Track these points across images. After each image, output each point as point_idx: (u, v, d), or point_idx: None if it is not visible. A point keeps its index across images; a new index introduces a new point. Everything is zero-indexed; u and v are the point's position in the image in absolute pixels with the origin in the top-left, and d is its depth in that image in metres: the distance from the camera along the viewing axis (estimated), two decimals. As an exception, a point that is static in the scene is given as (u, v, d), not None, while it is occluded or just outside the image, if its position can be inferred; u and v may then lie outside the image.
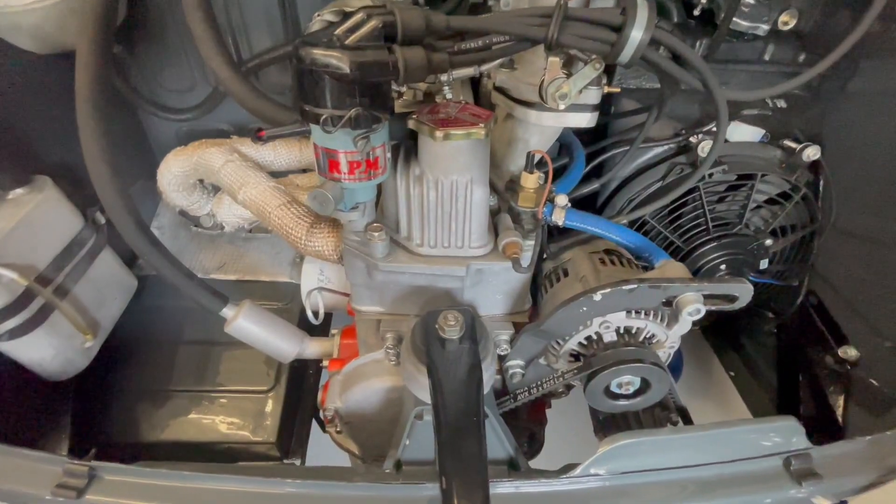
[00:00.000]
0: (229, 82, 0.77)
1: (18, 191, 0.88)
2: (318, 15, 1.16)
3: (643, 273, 0.81)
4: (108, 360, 1.11)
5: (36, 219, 0.88)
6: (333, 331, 1.09)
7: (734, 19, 1.03)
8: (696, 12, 1.10)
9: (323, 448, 1.21)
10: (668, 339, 0.76)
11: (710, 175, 1.01)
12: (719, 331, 1.53)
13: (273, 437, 1.13)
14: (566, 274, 0.85)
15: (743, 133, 1.06)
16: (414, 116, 0.65)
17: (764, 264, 1.13)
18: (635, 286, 0.66)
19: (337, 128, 0.57)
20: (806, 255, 1.16)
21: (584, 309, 0.69)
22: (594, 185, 1.01)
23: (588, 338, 0.76)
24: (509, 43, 0.63)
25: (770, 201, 1.09)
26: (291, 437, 1.20)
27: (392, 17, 0.55)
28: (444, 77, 0.64)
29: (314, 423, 1.31)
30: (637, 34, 0.61)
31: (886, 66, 1.00)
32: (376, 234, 0.71)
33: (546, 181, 0.77)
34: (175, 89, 1.32)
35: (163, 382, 1.18)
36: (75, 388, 1.03)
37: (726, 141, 1.07)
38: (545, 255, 0.91)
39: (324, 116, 0.56)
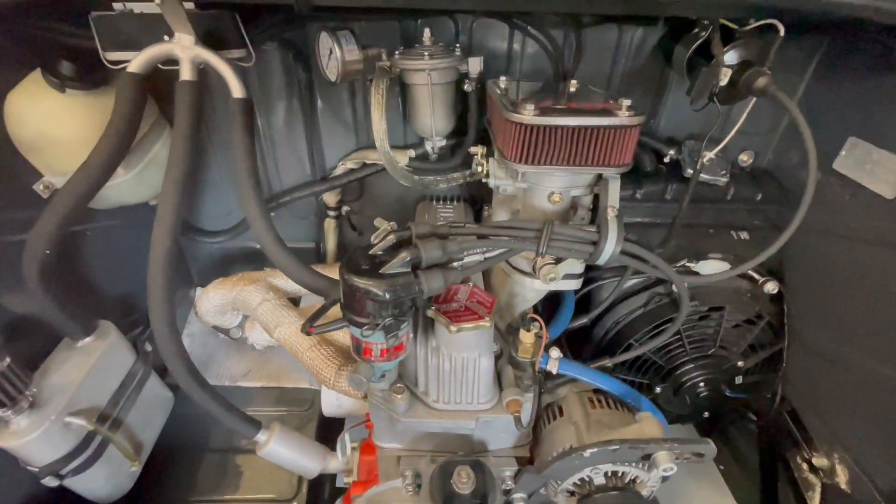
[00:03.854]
0: (278, 255, 0.93)
1: (87, 340, 1.02)
2: (342, 163, 1.35)
3: (627, 418, 0.94)
4: (143, 471, 1.21)
5: (102, 364, 1.01)
6: (353, 444, 1.20)
7: (697, 173, 1.21)
8: (666, 160, 1.29)
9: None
10: (650, 479, 0.87)
11: (685, 307, 1.17)
12: (710, 425, 1.64)
13: (295, 545, 1.21)
14: (561, 412, 0.98)
15: (711, 267, 1.22)
16: (433, 307, 0.80)
17: (739, 379, 1.26)
18: (618, 447, 0.78)
19: (374, 332, 0.72)
20: (776, 369, 1.30)
21: (577, 462, 0.81)
22: (583, 320, 1.16)
23: (581, 479, 0.88)
24: (508, 250, 0.79)
25: (739, 323, 1.23)
26: (310, 544, 1.29)
27: (418, 252, 0.71)
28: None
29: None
30: (610, 247, 0.77)
31: (827, 209, 1.16)
32: (399, 395, 0.85)
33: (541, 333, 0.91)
34: (213, 214, 1.49)
35: (192, 492, 1.27)
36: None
37: (697, 273, 1.23)
38: (543, 390, 1.04)
39: (365, 326, 0.71)
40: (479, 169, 0.98)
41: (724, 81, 0.94)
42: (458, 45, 1.09)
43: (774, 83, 0.88)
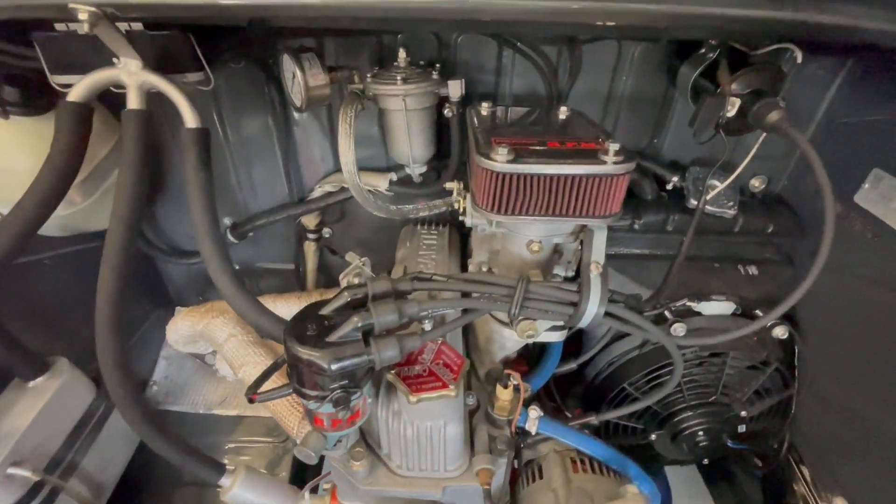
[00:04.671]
0: (233, 299, 0.85)
1: (39, 379, 0.96)
2: (320, 186, 1.27)
3: (612, 488, 0.85)
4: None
5: (54, 405, 0.95)
6: (325, 485, 1.13)
7: (702, 206, 1.10)
8: (669, 187, 1.19)
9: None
10: (635, 559, 0.79)
11: (683, 354, 1.07)
12: (712, 463, 1.54)
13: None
14: (541, 474, 0.89)
15: (714, 308, 1.12)
16: (393, 371, 0.72)
17: (742, 428, 1.16)
18: (597, 533, 0.70)
19: (321, 405, 0.64)
20: (784, 416, 1.19)
21: (552, 543, 0.73)
22: (571, 365, 1.07)
23: (558, 556, 0.80)
24: (476, 311, 0.70)
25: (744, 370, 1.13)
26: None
27: (369, 317, 0.62)
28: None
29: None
30: (592, 309, 0.68)
31: (846, 248, 1.04)
32: (357, 462, 0.77)
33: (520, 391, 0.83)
34: (190, 234, 1.42)
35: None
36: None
37: (700, 314, 1.12)
38: (523, 445, 0.96)
39: (310, 400, 0.63)
40: (457, 206, 0.89)
41: (731, 112, 0.84)
42: (437, 65, 0.99)
43: (788, 119, 0.77)
